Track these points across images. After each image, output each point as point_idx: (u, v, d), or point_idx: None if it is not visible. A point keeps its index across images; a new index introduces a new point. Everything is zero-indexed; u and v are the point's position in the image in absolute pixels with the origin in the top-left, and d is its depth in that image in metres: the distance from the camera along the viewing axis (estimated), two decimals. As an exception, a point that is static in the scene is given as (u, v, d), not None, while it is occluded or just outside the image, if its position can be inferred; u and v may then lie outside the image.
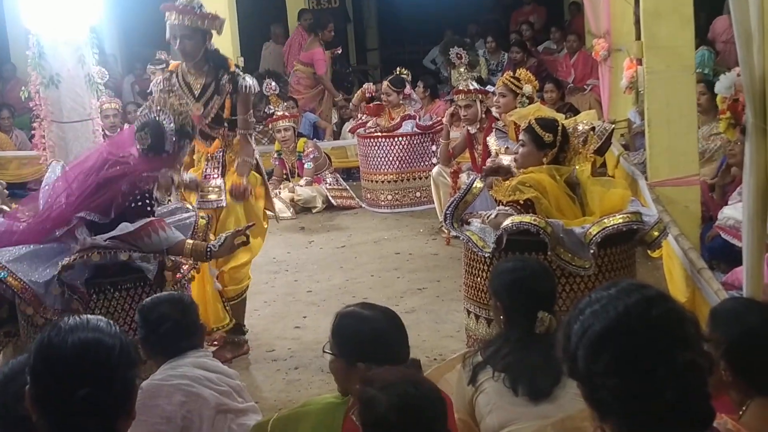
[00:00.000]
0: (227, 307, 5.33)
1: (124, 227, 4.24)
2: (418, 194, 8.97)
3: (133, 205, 4.35)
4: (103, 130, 7.60)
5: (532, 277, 3.35)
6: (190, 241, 4.41)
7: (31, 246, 4.23)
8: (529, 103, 6.72)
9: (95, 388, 1.91)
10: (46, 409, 1.94)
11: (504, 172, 5.01)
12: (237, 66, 5.62)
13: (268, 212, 5.69)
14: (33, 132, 7.41)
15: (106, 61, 8.10)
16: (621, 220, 4.50)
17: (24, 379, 2.01)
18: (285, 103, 9.59)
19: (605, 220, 4.51)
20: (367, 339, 2.85)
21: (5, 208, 5.17)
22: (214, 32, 5.32)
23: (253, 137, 5.57)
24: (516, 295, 3.29)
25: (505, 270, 3.44)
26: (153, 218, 4.36)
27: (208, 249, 4.40)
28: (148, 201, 4.42)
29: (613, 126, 6.64)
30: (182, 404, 3.37)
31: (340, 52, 12.44)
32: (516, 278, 3.35)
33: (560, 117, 5.59)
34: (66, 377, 1.91)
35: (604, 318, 1.73)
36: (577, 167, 4.88)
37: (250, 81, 5.37)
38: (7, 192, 5.84)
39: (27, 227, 4.33)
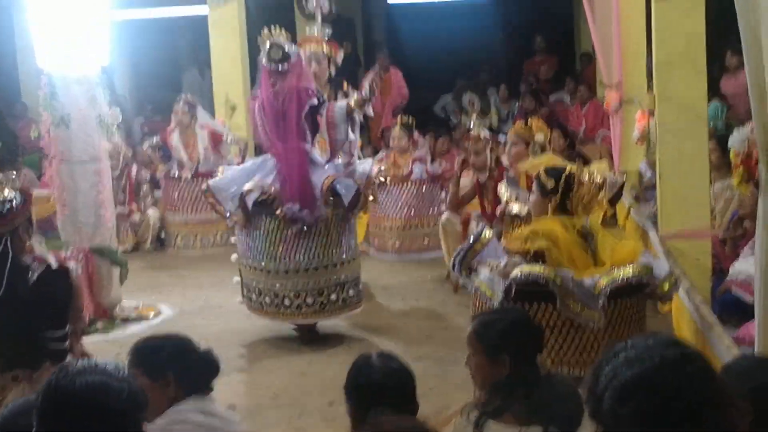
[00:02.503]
0: None
1: None
2: (426, 241, 8.92)
3: None
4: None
5: (525, 320, 3.34)
6: None
7: None
8: (542, 152, 6.70)
9: (103, 431, 1.89)
10: None
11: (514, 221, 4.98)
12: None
13: None
14: (43, 171, 7.41)
15: (116, 101, 8.13)
16: (631, 273, 4.46)
17: (24, 420, 1.98)
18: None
19: (615, 272, 4.47)
20: (378, 388, 2.89)
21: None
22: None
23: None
24: (521, 341, 3.21)
25: (496, 320, 3.33)
26: None
27: None
28: None
29: (625, 178, 6.61)
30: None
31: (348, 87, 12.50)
32: (513, 323, 3.28)
33: (572, 167, 5.56)
34: (73, 420, 1.90)
35: (638, 365, 1.74)
36: (589, 218, 4.85)
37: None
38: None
39: None
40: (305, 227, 6.14)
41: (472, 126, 7.59)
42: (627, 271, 4.48)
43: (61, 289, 4.21)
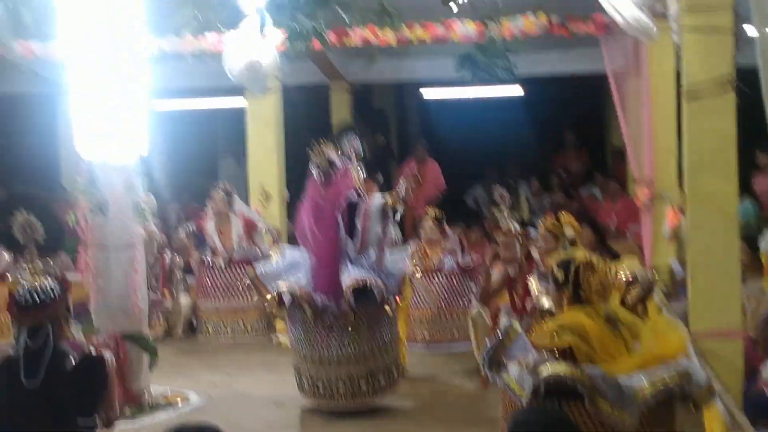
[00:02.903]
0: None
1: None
2: (455, 332, 8.90)
3: None
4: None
5: (565, 424, 3.27)
6: None
7: None
8: (571, 246, 6.71)
9: None
10: None
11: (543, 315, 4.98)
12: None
13: None
14: (78, 255, 7.52)
15: (153, 188, 8.29)
16: (676, 381, 4.41)
17: None
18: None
19: (657, 381, 4.40)
20: None
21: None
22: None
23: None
24: None
25: (528, 422, 3.30)
26: None
27: None
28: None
29: (655, 274, 6.60)
30: None
31: (381, 179, 12.65)
32: (555, 426, 3.25)
33: (599, 260, 5.54)
34: None
35: None
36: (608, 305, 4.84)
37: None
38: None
39: None
40: (335, 318, 6.55)
41: (502, 220, 7.64)
42: (671, 379, 4.42)
43: (97, 377, 4.24)
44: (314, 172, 6.78)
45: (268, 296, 6.78)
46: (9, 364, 4.21)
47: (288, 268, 6.85)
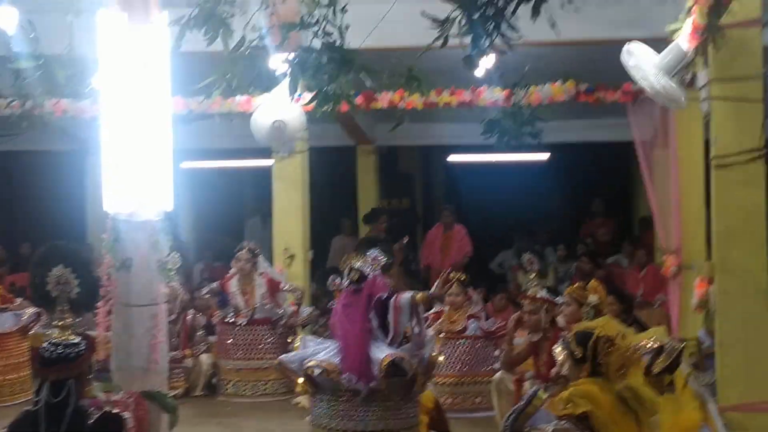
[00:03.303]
0: None
1: None
2: (478, 399, 8.78)
3: None
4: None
5: None
6: None
7: None
8: (595, 314, 6.63)
9: None
10: None
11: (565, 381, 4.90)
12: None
13: None
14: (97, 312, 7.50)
15: (178, 246, 8.31)
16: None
17: None
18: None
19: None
20: None
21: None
22: None
23: None
24: None
25: None
26: None
27: None
28: None
29: (683, 344, 6.49)
30: None
31: (406, 240, 12.64)
32: None
33: (625, 330, 5.45)
34: None
35: None
36: (626, 381, 4.75)
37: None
38: None
39: None
40: (365, 393, 6.62)
41: (529, 286, 7.58)
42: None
43: None
44: (344, 281, 7.00)
45: (299, 380, 6.89)
46: (30, 420, 4.22)
47: (312, 354, 6.91)
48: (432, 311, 9.44)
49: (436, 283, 6.97)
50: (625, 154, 14.33)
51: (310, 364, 6.70)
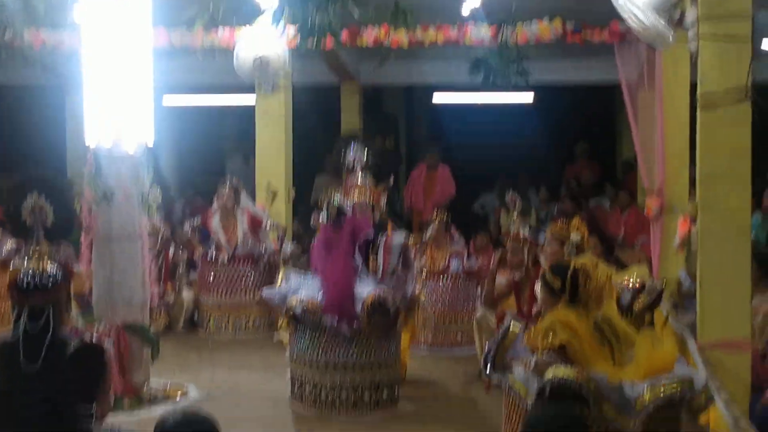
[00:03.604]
0: None
1: None
2: (459, 336, 8.84)
3: None
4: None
5: (573, 427, 3.23)
6: None
7: None
8: (577, 252, 6.65)
9: None
10: None
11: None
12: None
13: None
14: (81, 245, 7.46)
15: (160, 182, 8.23)
16: (675, 389, 4.38)
17: None
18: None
19: (658, 387, 4.37)
20: None
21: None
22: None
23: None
24: None
25: (543, 422, 3.30)
26: None
27: None
28: None
29: (664, 283, 6.52)
30: None
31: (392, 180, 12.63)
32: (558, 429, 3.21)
33: (597, 266, 5.46)
34: None
35: None
36: (603, 312, 4.80)
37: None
38: None
39: None
40: (344, 335, 6.67)
41: (511, 224, 7.58)
42: (671, 387, 4.40)
43: (95, 365, 4.18)
44: (323, 215, 7.00)
45: (281, 319, 6.94)
46: (7, 348, 4.15)
47: (294, 290, 6.92)
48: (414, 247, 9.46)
49: (428, 230, 7.38)
50: (610, 98, 14.31)
51: (291, 303, 6.71)
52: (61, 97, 12.51)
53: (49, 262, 4.35)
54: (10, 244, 8.82)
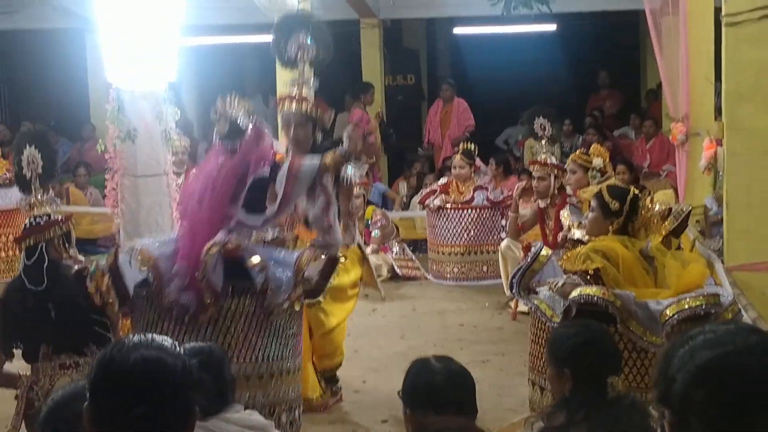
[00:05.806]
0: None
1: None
2: (485, 268, 8.86)
3: None
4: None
5: (600, 341, 3.25)
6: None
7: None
8: (602, 176, 6.62)
9: (153, 407, 1.87)
10: (102, 427, 1.90)
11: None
12: None
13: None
14: (105, 185, 7.50)
15: (183, 124, 8.23)
16: (699, 303, 4.35)
17: (78, 405, 1.97)
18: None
19: (683, 301, 4.36)
20: (438, 390, 2.82)
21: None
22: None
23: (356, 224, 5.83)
24: (587, 360, 3.15)
25: (569, 335, 3.32)
26: None
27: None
28: None
29: (690, 207, 6.49)
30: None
31: (382, 116, 12.72)
32: (584, 342, 3.23)
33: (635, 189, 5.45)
34: (124, 394, 1.87)
35: (718, 348, 1.61)
36: (651, 241, 4.76)
37: (351, 171, 4.82)
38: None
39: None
40: (191, 316, 4.40)
41: (539, 151, 7.54)
42: (695, 301, 4.37)
43: None
44: (215, 137, 5.02)
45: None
46: (17, 282, 4.65)
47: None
48: (440, 182, 9.45)
49: (346, 136, 4.67)
50: (634, 26, 14.12)
51: (121, 258, 4.62)
52: (82, 39, 12.50)
53: (47, 205, 4.78)
54: (17, 194, 8.90)
